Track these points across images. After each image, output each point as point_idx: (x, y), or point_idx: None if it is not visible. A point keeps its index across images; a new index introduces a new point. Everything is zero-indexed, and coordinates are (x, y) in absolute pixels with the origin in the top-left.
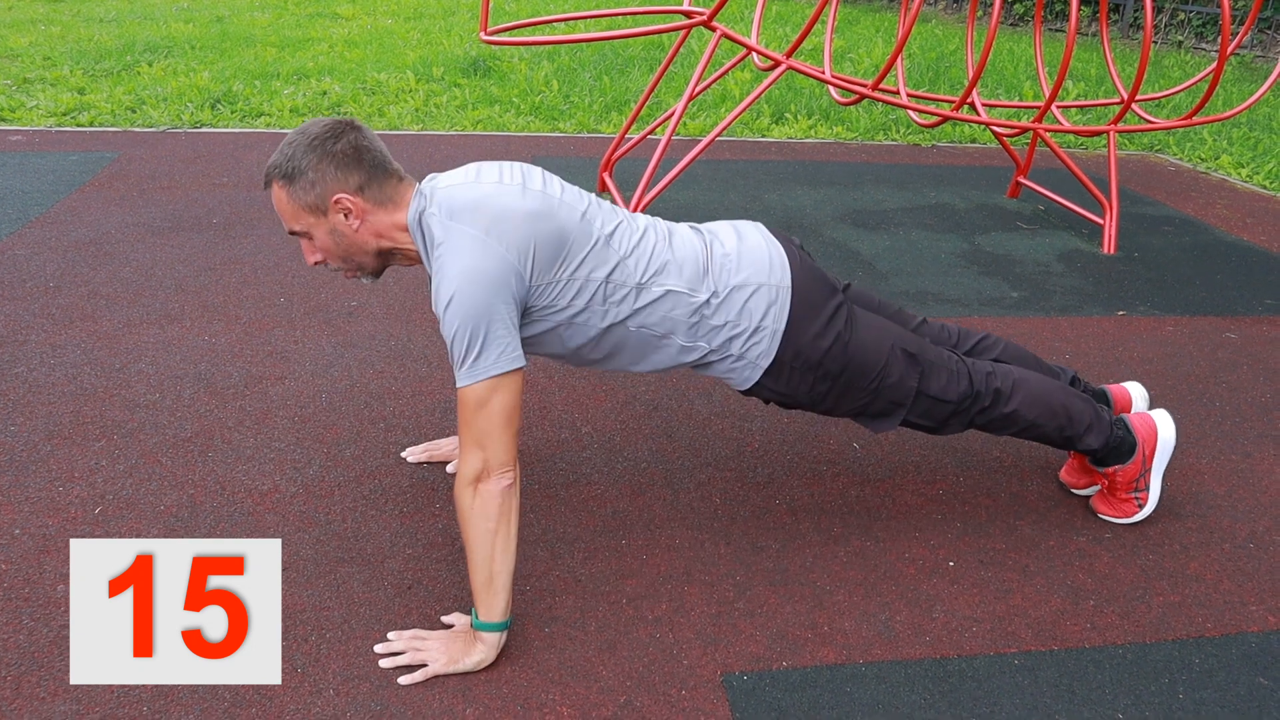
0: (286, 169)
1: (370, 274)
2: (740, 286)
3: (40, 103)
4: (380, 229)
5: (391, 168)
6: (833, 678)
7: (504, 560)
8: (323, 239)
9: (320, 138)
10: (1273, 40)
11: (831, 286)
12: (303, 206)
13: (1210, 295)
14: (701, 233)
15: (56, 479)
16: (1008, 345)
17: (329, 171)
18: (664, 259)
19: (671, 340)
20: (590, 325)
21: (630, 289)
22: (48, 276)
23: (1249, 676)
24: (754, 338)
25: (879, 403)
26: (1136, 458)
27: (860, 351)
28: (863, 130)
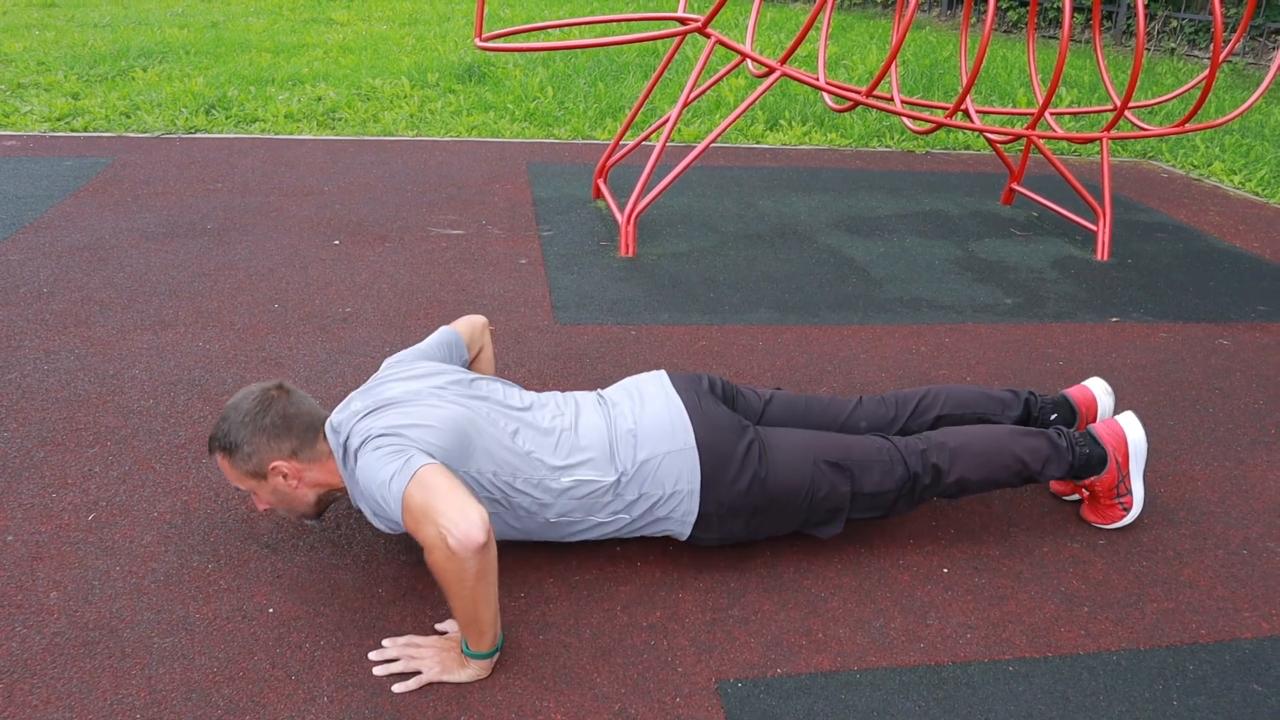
0: (225, 443)
1: (312, 518)
2: (648, 460)
3: (35, 108)
4: (316, 481)
5: (320, 427)
6: (827, 685)
7: (486, 605)
8: (266, 496)
9: (251, 413)
10: (1265, 48)
11: (739, 428)
12: (244, 473)
13: (1203, 302)
14: (605, 406)
15: (50, 485)
16: (950, 394)
17: (262, 443)
18: (570, 450)
19: (592, 519)
20: (511, 519)
21: (538, 483)
22: (41, 282)
23: (1243, 683)
24: (672, 500)
25: (818, 515)
26: (1110, 466)
27: (781, 481)
28: (857, 137)
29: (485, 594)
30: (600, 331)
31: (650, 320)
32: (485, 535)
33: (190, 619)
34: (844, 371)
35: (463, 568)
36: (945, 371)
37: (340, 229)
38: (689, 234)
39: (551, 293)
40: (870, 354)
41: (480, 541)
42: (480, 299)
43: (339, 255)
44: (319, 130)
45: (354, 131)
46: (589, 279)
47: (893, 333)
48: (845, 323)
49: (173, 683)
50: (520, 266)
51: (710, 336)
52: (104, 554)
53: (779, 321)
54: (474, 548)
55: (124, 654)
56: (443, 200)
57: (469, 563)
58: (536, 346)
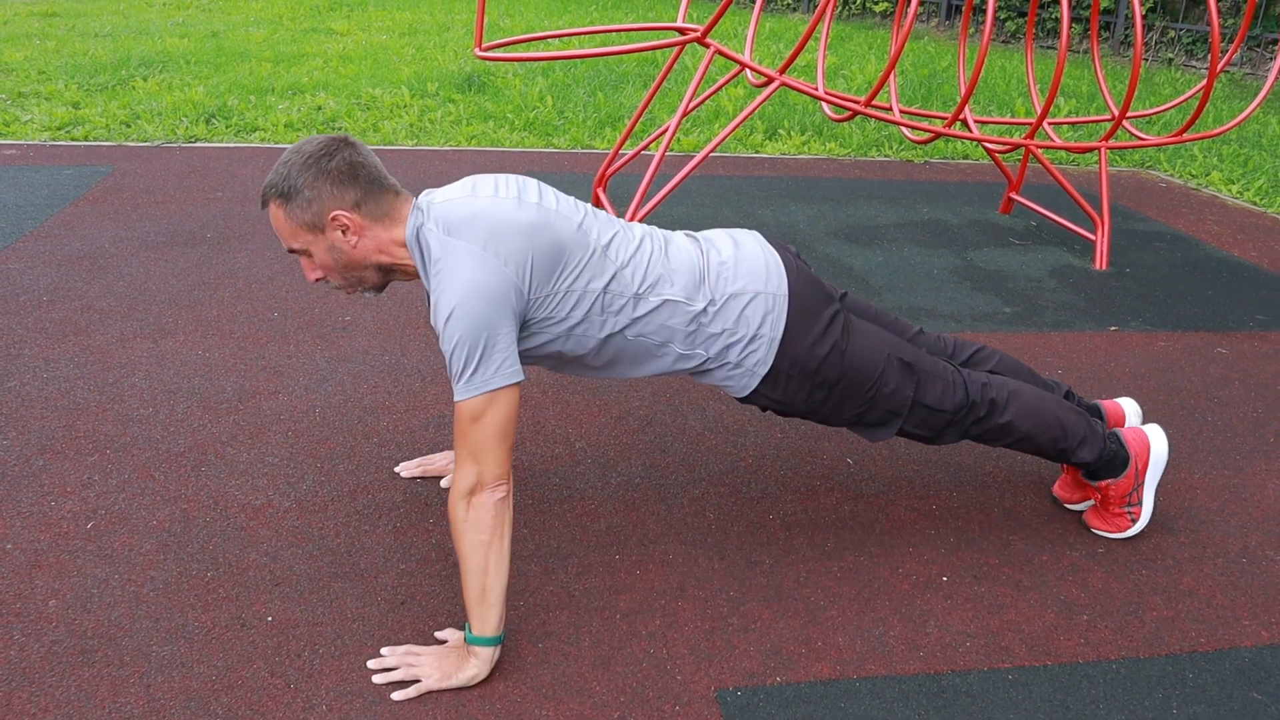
0: (282, 188)
1: (372, 288)
2: (737, 295)
3: (35, 117)
4: (379, 244)
5: (388, 183)
6: (826, 693)
7: (497, 573)
8: (322, 256)
9: (315, 155)
10: (1262, 58)
11: (828, 295)
12: (300, 225)
13: (1201, 311)
14: (698, 240)
15: (49, 493)
16: (1003, 358)
17: (325, 189)
18: (661, 268)
19: (669, 348)
20: (589, 335)
21: (628, 299)
22: (41, 290)
23: (1242, 691)
24: (751, 345)
25: (875, 412)
26: (1129, 472)
27: (856, 360)
28: (856, 146)
29: (498, 560)
30: None
31: None
32: (509, 493)
33: (189, 627)
34: None
35: (480, 518)
36: None
37: None
38: None
39: None
40: None
41: (504, 495)
42: None
43: None
44: None
45: None
46: None
47: None
48: None
49: (171, 691)
50: None
51: None
52: (103, 562)
53: None
54: (500, 497)
55: (122, 662)
56: None
57: (488, 512)
58: None
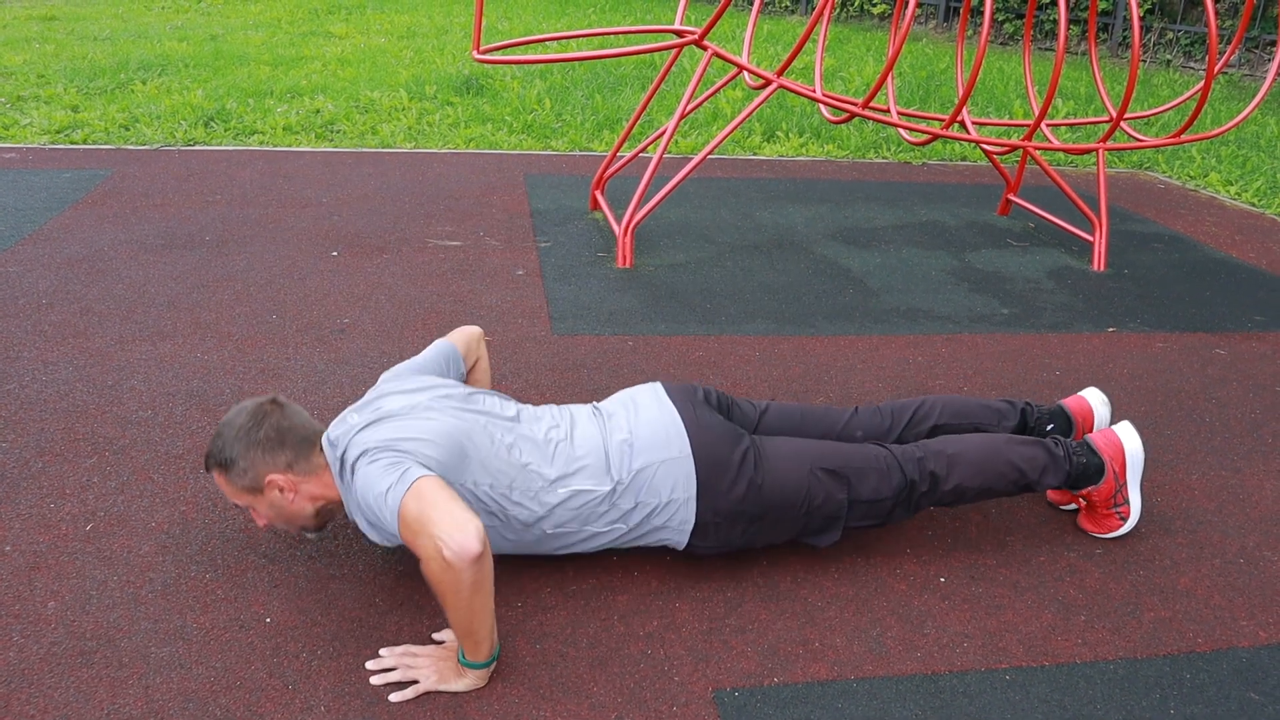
0: (220, 459)
1: (312, 531)
2: (643, 469)
3: (34, 120)
4: (313, 494)
5: (316, 440)
6: (824, 694)
7: (482, 616)
8: (265, 511)
9: (245, 428)
10: (1260, 59)
11: (735, 435)
12: (241, 489)
13: (1199, 311)
14: (601, 417)
15: (48, 495)
16: (946, 404)
17: (258, 457)
18: (565, 461)
19: (588, 529)
20: (508, 532)
21: (534, 497)
22: (40, 293)
23: (1240, 691)
24: (668, 509)
25: (815, 522)
26: (1107, 476)
27: (777, 488)
28: (854, 148)
29: (481, 605)
30: (597, 342)
31: (647, 331)
32: (481, 546)
33: (188, 628)
34: (840, 382)
35: (459, 579)
36: (942, 382)
37: (338, 240)
38: (686, 245)
39: (549, 304)
40: (867, 364)
41: (476, 552)
42: (478, 310)
43: (337, 267)
44: (317, 142)
45: (352, 144)
46: (586, 290)
47: (889, 343)
48: (842, 333)
49: (170, 692)
50: (518, 277)
51: (707, 347)
52: (102, 564)
53: (776, 332)
54: (470, 558)
55: (121, 663)
56: (440, 212)
57: (465, 574)
58: (534, 357)
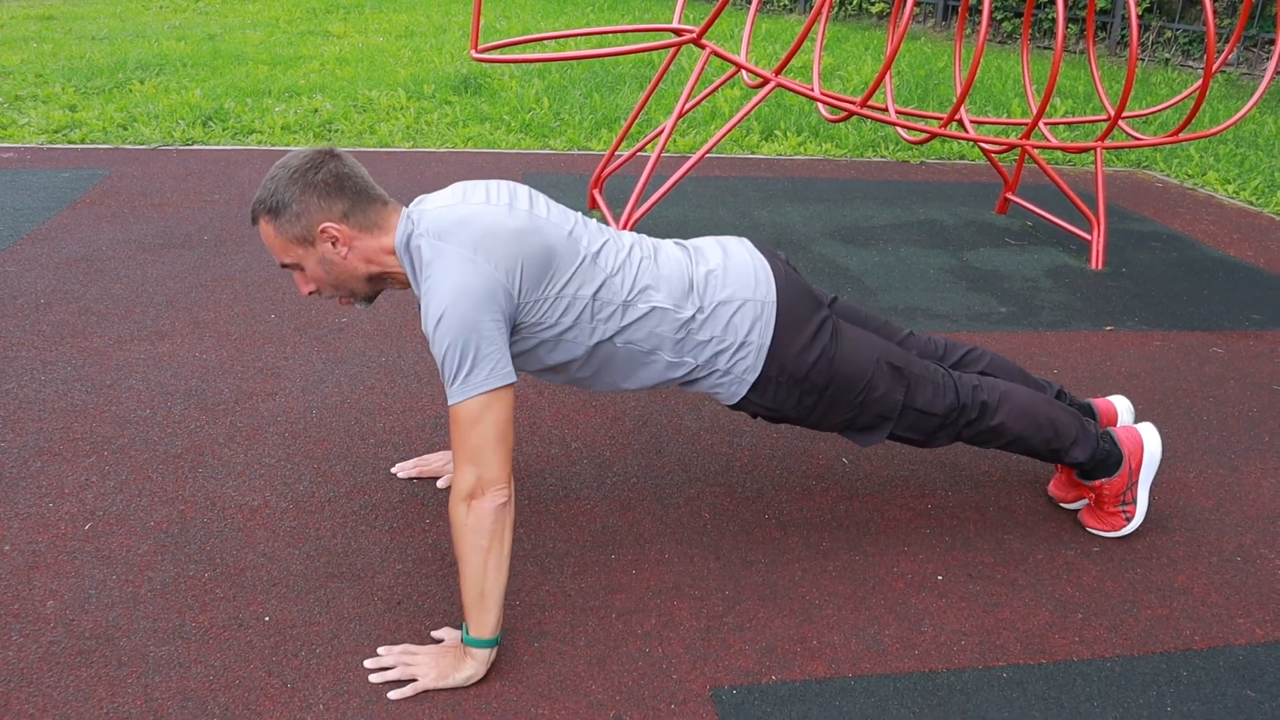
0: (271, 203)
1: (363, 299)
2: (725, 302)
3: (32, 120)
4: (369, 254)
5: (375, 193)
6: (822, 691)
7: (496, 577)
8: (313, 269)
9: (301, 169)
10: (1258, 58)
11: (817, 301)
12: (290, 239)
13: (1197, 310)
14: (687, 249)
15: (47, 495)
16: (994, 358)
17: (313, 202)
18: (650, 276)
19: (658, 356)
20: (578, 342)
21: (617, 306)
22: (38, 293)
23: (1236, 689)
24: (739, 353)
25: (865, 416)
26: (1123, 471)
27: (845, 366)
28: (852, 147)
29: (498, 563)
30: None
31: None
32: (509, 499)
33: (186, 627)
34: None
35: (481, 523)
36: None
37: None
38: None
39: None
40: None
41: (505, 500)
42: None
43: None
44: (315, 142)
45: (350, 143)
46: None
47: None
48: None
49: (169, 691)
50: None
51: None
52: (100, 563)
53: None
54: (501, 502)
55: (120, 662)
56: None
57: (489, 517)
58: None
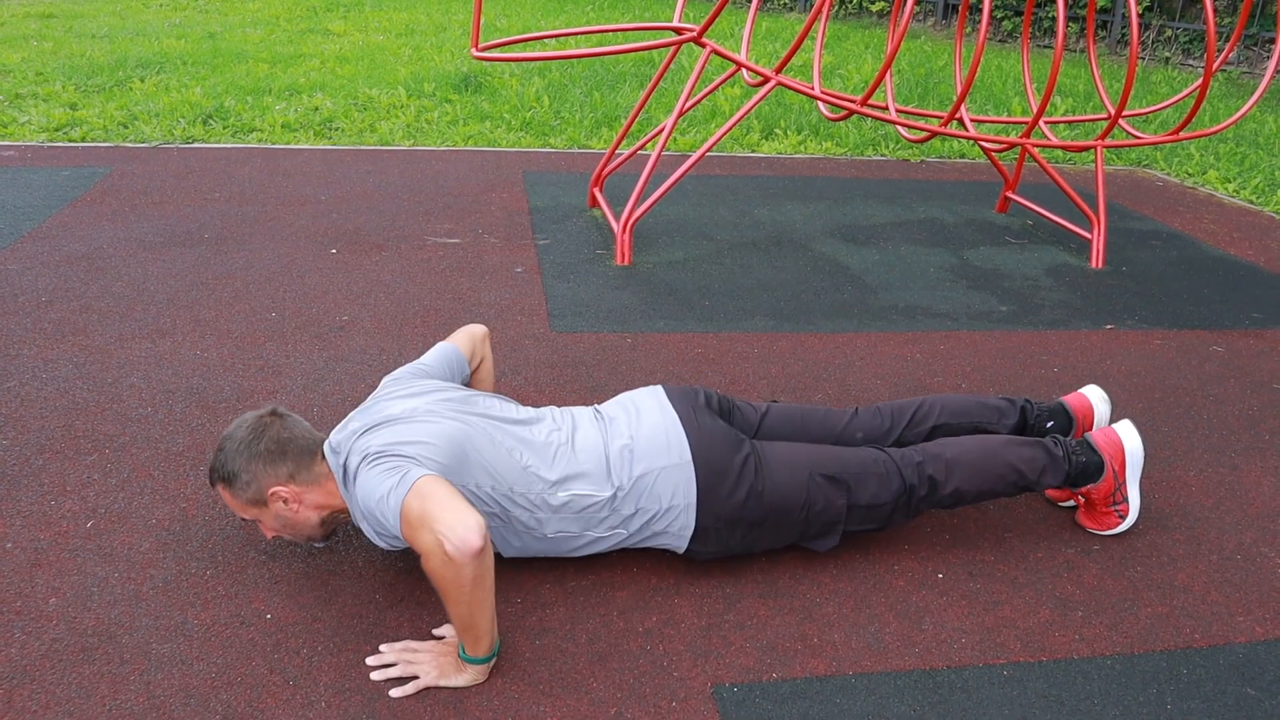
0: (223, 473)
1: (319, 540)
2: (643, 475)
3: (33, 118)
4: (318, 503)
5: (317, 449)
6: (822, 689)
7: (483, 611)
8: (271, 523)
9: (245, 440)
10: (1259, 56)
11: (736, 441)
12: (245, 502)
13: (1197, 309)
14: (602, 420)
15: (48, 492)
16: (945, 404)
17: (260, 470)
18: (566, 465)
19: (589, 534)
20: (509, 535)
21: (535, 500)
22: (40, 291)
23: (1236, 687)
24: (669, 515)
25: (814, 527)
26: (1107, 474)
27: (777, 495)
28: (852, 146)
29: (481, 600)
30: (596, 339)
31: (646, 328)
32: (482, 540)
33: (188, 625)
34: (839, 379)
35: (459, 573)
36: (940, 379)
37: (337, 238)
38: (684, 242)
39: (548, 301)
40: (865, 361)
41: (477, 547)
42: (476, 307)
43: (336, 264)
44: (316, 140)
45: (351, 141)
46: (585, 287)
47: (888, 340)
48: (840, 330)
49: (171, 688)
50: (516, 275)
51: (706, 344)
52: (102, 561)
53: (774, 329)
54: (471, 553)
55: (122, 660)
56: (439, 209)
57: (465, 568)
58: (532, 355)
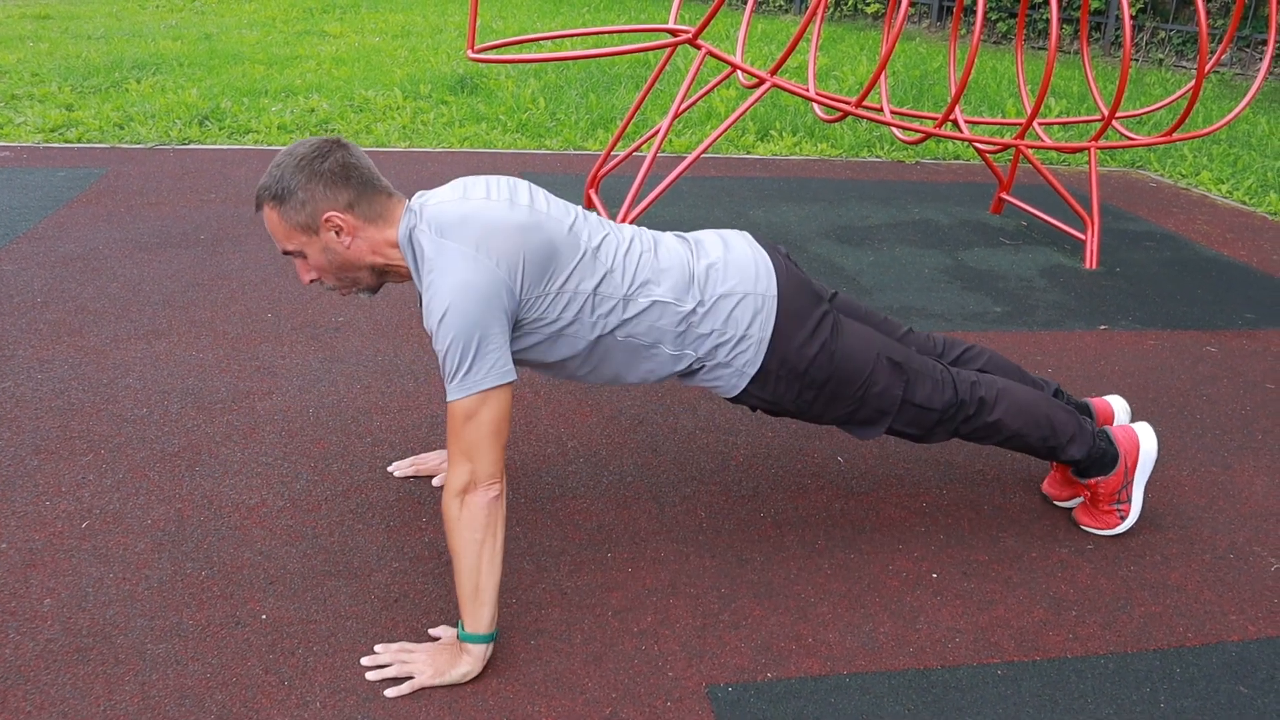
0: (276, 190)
1: (366, 289)
2: (726, 295)
3: (28, 119)
4: (372, 245)
5: (380, 185)
6: (817, 689)
7: (490, 571)
8: (316, 257)
9: (308, 157)
10: (1251, 58)
11: (817, 295)
12: (295, 226)
13: (1191, 309)
14: (688, 241)
15: (43, 493)
16: (993, 356)
17: (318, 190)
18: (650, 270)
19: (659, 349)
20: (579, 337)
21: (618, 300)
22: (35, 292)
23: (1229, 685)
24: (740, 346)
25: (865, 410)
26: (1119, 469)
27: (845, 360)
28: (847, 147)
29: (491, 558)
30: None
31: None
32: (502, 492)
33: (183, 625)
34: None
35: (475, 516)
36: None
37: None
38: None
39: None
40: None
41: (497, 494)
42: None
43: None
44: None
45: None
46: None
47: None
48: None
49: (166, 689)
50: None
51: None
52: (97, 561)
53: None
54: (494, 496)
55: (117, 660)
56: None
57: (482, 511)
58: None
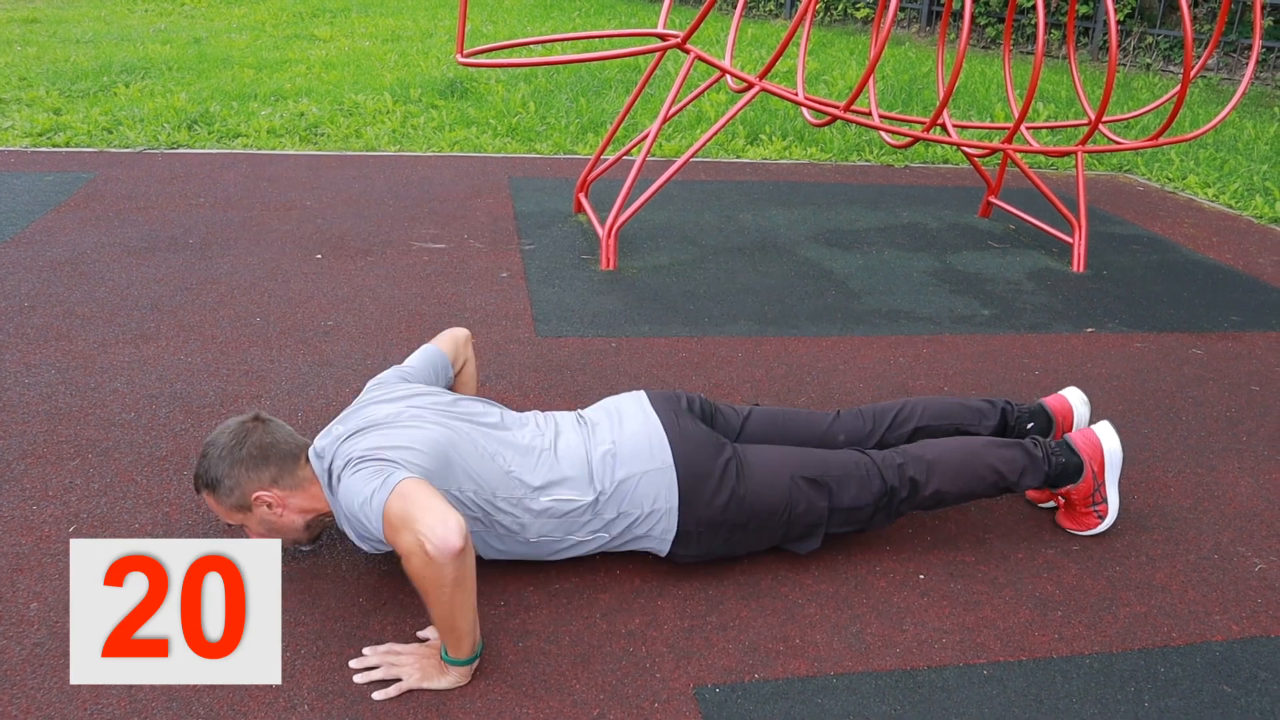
0: (207, 479)
1: (305, 544)
2: (625, 479)
3: (16, 123)
4: (302, 507)
5: (300, 454)
6: (804, 689)
7: (464, 612)
8: (256, 528)
9: (228, 446)
10: (1238, 63)
11: (717, 445)
12: (230, 507)
13: (1177, 312)
14: (584, 427)
15: (30, 497)
16: (927, 406)
17: (243, 475)
18: (548, 471)
19: (572, 538)
20: (492, 538)
21: (518, 504)
22: (23, 296)
23: (1213, 684)
24: (651, 519)
25: (796, 529)
26: (1086, 475)
27: (759, 498)
28: (836, 151)
29: (463, 601)
30: (581, 344)
31: (631, 333)
32: (462, 541)
33: None
34: (823, 382)
35: (440, 574)
36: (923, 382)
37: (322, 243)
38: (669, 247)
39: (533, 306)
40: (849, 365)
41: (457, 547)
42: (462, 312)
43: (321, 269)
44: (301, 145)
45: (336, 147)
46: (570, 292)
47: (871, 344)
48: (824, 334)
49: (153, 692)
50: (502, 280)
51: (690, 348)
52: None
53: (759, 333)
54: (451, 553)
55: None
56: (425, 215)
57: (446, 569)
58: (518, 359)
